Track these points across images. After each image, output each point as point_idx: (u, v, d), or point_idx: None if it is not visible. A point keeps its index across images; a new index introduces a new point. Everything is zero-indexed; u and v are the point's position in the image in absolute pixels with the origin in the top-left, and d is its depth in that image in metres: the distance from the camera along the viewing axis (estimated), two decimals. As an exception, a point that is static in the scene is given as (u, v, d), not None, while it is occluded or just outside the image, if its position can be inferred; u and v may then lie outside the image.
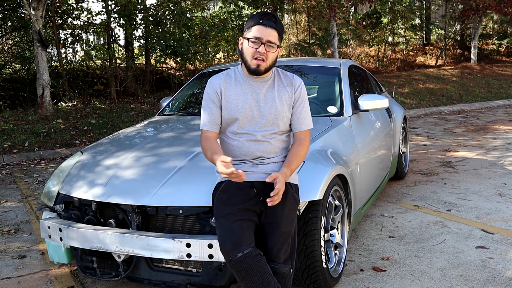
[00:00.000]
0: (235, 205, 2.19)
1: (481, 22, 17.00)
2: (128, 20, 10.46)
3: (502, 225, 3.74)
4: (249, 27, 2.21)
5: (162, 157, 2.89)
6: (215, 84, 2.32)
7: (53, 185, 2.98)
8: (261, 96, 2.28)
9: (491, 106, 12.53)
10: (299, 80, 2.37)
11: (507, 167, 5.62)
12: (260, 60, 2.18)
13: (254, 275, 2.12)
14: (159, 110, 4.67)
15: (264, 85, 2.29)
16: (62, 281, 3.01)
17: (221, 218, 2.19)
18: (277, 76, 2.35)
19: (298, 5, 15.12)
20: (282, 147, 2.33)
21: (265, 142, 2.27)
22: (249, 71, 2.24)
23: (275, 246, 2.21)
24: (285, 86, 2.32)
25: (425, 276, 2.91)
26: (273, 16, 2.20)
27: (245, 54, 2.22)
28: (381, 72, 15.37)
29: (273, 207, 2.21)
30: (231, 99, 2.27)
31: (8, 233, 3.94)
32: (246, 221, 2.18)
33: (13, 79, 11.31)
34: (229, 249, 2.11)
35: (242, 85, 2.29)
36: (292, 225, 2.25)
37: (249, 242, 2.14)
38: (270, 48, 2.19)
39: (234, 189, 2.24)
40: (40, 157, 7.17)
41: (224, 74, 2.35)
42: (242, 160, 2.29)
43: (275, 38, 2.20)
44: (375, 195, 3.94)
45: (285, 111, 2.30)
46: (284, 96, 2.31)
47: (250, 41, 2.18)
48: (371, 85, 4.93)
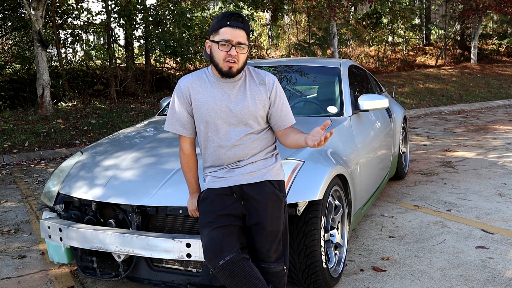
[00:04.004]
0: (214, 213, 2.15)
1: (481, 22, 17.00)
2: (128, 20, 10.46)
3: (502, 225, 3.74)
4: (215, 29, 2.12)
5: (162, 157, 2.89)
6: (184, 87, 2.22)
7: (53, 185, 2.98)
8: (233, 97, 2.18)
9: (491, 106, 12.52)
10: (271, 77, 2.27)
11: (507, 167, 5.62)
12: (232, 62, 2.10)
13: (239, 281, 2.10)
14: (159, 110, 4.67)
15: (235, 86, 2.20)
16: (62, 281, 3.01)
17: (202, 228, 2.17)
18: (248, 74, 2.25)
19: (298, 5, 15.11)
20: (259, 146, 2.23)
21: (241, 146, 2.18)
22: (221, 73, 2.14)
23: (263, 247, 2.19)
24: (258, 85, 2.22)
25: (425, 276, 2.91)
26: (239, 16, 2.13)
27: (215, 57, 2.13)
28: (381, 72, 15.37)
29: (255, 208, 2.17)
30: (201, 101, 2.19)
31: (8, 233, 3.94)
32: (226, 227, 2.13)
33: (13, 79, 11.31)
34: (211, 258, 2.10)
35: (213, 87, 2.19)
36: (279, 223, 2.20)
37: (230, 248, 2.10)
38: (241, 49, 2.11)
39: (212, 196, 2.19)
40: (40, 157, 7.17)
41: (193, 76, 2.25)
42: (218, 166, 2.22)
43: (244, 39, 2.12)
44: (375, 195, 3.94)
45: (259, 110, 2.20)
46: (257, 95, 2.21)
47: (220, 45, 2.09)
48: (371, 85, 4.93)
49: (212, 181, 2.22)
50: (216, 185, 2.20)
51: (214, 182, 2.21)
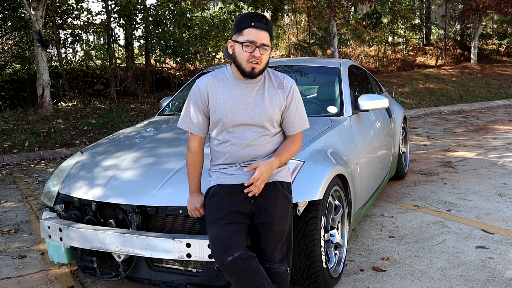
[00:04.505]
0: (224, 209, 2.17)
1: (481, 22, 17.00)
2: (128, 20, 10.46)
3: (502, 225, 3.74)
4: (239, 30, 2.13)
5: (162, 157, 2.89)
6: (202, 86, 2.24)
7: (53, 185, 2.98)
8: (251, 99, 2.21)
9: (491, 106, 12.52)
10: (290, 81, 2.29)
11: (507, 167, 5.62)
12: (255, 64, 2.12)
13: (246, 278, 2.11)
14: (159, 110, 4.66)
15: (254, 87, 2.22)
16: (62, 281, 3.01)
17: (211, 224, 2.18)
18: (268, 77, 2.27)
19: (298, 5, 15.11)
20: (272, 149, 2.26)
21: (255, 146, 2.21)
22: (243, 74, 2.17)
23: (269, 246, 2.20)
24: (276, 88, 2.25)
25: (425, 276, 2.91)
26: (264, 18, 2.15)
27: (238, 58, 2.15)
28: (381, 72, 15.36)
29: (264, 207, 2.19)
30: (220, 101, 2.20)
31: (8, 233, 3.94)
32: (236, 224, 2.15)
33: (13, 79, 11.31)
34: (220, 254, 2.11)
35: (231, 87, 2.22)
36: (285, 224, 2.23)
37: (239, 245, 2.12)
38: (264, 51, 2.13)
39: (223, 192, 2.20)
40: (40, 157, 7.17)
41: (212, 75, 2.26)
42: (229, 163, 2.24)
43: (268, 40, 2.14)
44: (375, 195, 3.94)
45: (275, 113, 2.23)
46: (275, 98, 2.23)
47: (244, 45, 2.11)
48: (371, 85, 4.93)
49: (222, 177, 2.23)
50: (227, 181, 2.22)
51: (225, 178, 2.23)
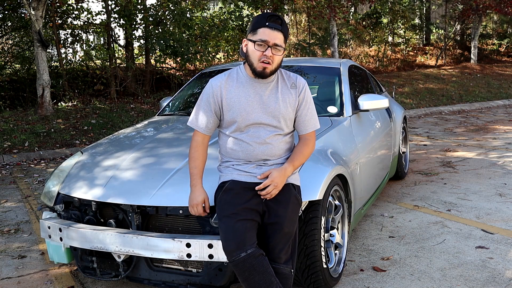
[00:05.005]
0: (238, 205, 2.19)
1: (481, 22, 17.00)
2: (128, 20, 10.46)
3: (502, 225, 3.74)
4: (254, 29, 2.17)
5: (162, 157, 2.89)
6: (216, 86, 2.28)
7: (53, 185, 2.98)
8: (265, 98, 2.25)
9: (491, 106, 12.52)
10: (302, 81, 2.34)
11: (507, 167, 5.62)
12: (267, 63, 2.16)
13: (257, 275, 2.12)
14: (159, 110, 4.66)
15: (267, 87, 2.27)
16: (62, 281, 3.01)
17: (224, 218, 2.19)
18: (281, 77, 2.32)
19: (298, 5, 15.11)
20: (285, 148, 2.32)
21: (269, 145, 2.25)
22: (255, 73, 2.21)
23: (277, 247, 2.22)
24: (289, 88, 2.30)
25: (425, 276, 2.91)
26: (279, 18, 2.17)
27: (250, 56, 2.19)
28: (381, 72, 15.36)
29: (276, 208, 2.21)
30: (234, 101, 2.25)
31: (8, 233, 3.94)
32: (249, 221, 2.18)
33: (13, 79, 11.31)
34: (233, 249, 2.12)
35: (245, 86, 2.26)
36: (294, 226, 2.26)
37: (252, 242, 2.14)
38: (277, 51, 2.16)
39: (238, 189, 2.24)
40: (40, 157, 7.17)
41: (226, 75, 2.31)
42: (246, 162, 2.29)
43: (281, 41, 2.17)
44: (375, 195, 3.94)
45: (289, 113, 2.28)
46: (288, 98, 2.28)
47: (257, 44, 2.14)
48: (371, 85, 4.93)
49: (237, 173, 2.27)
50: (242, 178, 2.26)
51: (240, 175, 2.27)
